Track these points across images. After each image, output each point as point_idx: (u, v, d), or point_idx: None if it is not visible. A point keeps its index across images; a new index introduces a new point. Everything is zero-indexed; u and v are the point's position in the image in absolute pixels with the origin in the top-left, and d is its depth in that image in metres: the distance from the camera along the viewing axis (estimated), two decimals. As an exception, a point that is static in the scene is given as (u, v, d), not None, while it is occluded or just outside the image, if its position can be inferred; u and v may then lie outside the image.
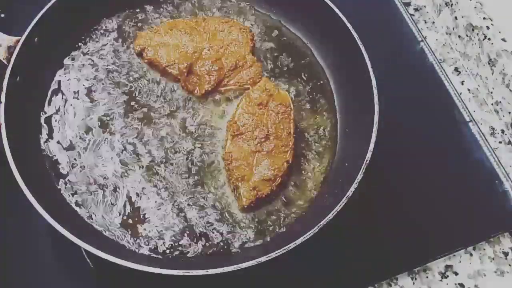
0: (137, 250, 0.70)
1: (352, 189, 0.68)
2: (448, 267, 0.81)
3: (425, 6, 1.06)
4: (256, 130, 0.75)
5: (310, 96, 0.85)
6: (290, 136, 0.77)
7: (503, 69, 0.91)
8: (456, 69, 1.00)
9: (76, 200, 0.72)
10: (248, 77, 0.82)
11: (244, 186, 0.73)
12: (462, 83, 0.99)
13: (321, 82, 0.86)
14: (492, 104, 0.95)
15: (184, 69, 0.80)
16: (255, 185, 0.73)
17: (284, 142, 0.76)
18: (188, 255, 0.70)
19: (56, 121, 0.78)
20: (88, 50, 0.85)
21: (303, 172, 0.78)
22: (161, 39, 0.83)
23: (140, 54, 0.84)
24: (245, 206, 0.73)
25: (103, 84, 0.82)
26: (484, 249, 0.83)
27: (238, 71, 0.82)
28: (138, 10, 0.89)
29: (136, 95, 0.82)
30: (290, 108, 0.79)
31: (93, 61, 0.84)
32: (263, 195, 0.73)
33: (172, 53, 0.82)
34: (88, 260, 0.73)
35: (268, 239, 0.72)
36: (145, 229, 0.71)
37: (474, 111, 0.95)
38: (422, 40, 0.99)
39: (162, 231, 0.71)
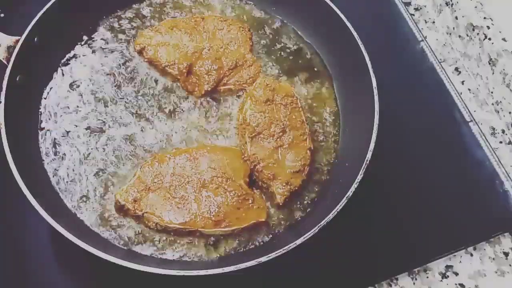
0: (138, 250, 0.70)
1: (352, 189, 0.68)
2: (448, 267, 0.81)
3: (425, 6, 1.06)
4: (271, 126, 0.75)
5: (310, 96, 0.85)
6: (303, 123, 0.77)
7: (504, 69, 0.91)
8: (456, 69, 1.00)
9: (74, 200, 0.73)
10: (248, 76, 0.82)
11: (277, 183, 0.73)
12: (463, 83, 0.99)
13: (321, 81, 0.86)
14: (492, 104, 0.95)
15: (183, 69, 0.80)
16: (288, 179, 0.73)
17: (301, 131, 0.77)
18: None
19: (56, 120, 0.78)
20: (88, 50, 0.84)
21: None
22: (162, 39, 0.83)
23: (140, 53, 0.84)
24: (281, 204, 0.73)
25: (102, 83, 0.82)
26: (485, 249, 0.83)
27: (238, 70, 0.82)
28: (138, 8, 0.89)
29: (136, 95, 0.81)
30: (296, 97, 0.79)
31: (92, 60, 0.84)
32: (296, 188, 0.73)
33: (172, 53, 0.82)
34: (86, 258, 0.72)
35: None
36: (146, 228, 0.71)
37: (475, 111, 0.95)
38: (422, 40, 0.99)
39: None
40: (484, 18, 0.95)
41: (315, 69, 0.87)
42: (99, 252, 0.62)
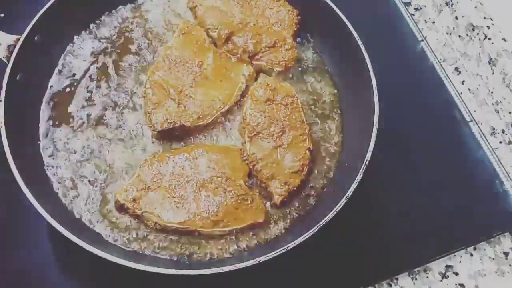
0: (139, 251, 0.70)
1: (352, 189, 0.68)
2: (448, 267, 0.81)
3: (425, 6, 1.06)
4: (271, 126, 0.76)
5: (310, 96, 0.85)
6: (304, 124, 0.78)
7: (504, 69, 0.91)
8: (456, 69, 1.00)
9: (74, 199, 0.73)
10: (282, 59, 0.83)
11: (275, 183, 0.73)
12: (463, 82, 0.99)
13: (321, 81, 0.86)
14: (492, 104, 0.95)
15: (223, 35, 0.82)
16: (286, 179, 0.73)
17: (300, 131, 0.77)
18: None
19: (56, 119, 0.78)
20: (87, 48, 0.85)
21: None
22: (214, 2, 0.85)
23: (191, 10, 0.86)
24: (278, 204, 0.73)
25: (102, 81, 0.82)
26: (485, 249, 0.83)
27: (274, 50, 0.83)
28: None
29: (131, 94, 0.81)
30: (296, 97, 0.79)
31: (93, 59, 0.84)
32: (294, 188, 0.73)
33: (219, 18, 0.84)
34: (86, 257, 0.72)
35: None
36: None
37: (475, 111, 0.95)
38: (422, 40, 0.99)
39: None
40: (484, 18, 0.95)
41: (315, 69, 0.87)
42: (99, 251, 0.62)
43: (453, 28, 1.01)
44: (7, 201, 0.77)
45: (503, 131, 0.93)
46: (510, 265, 0.81)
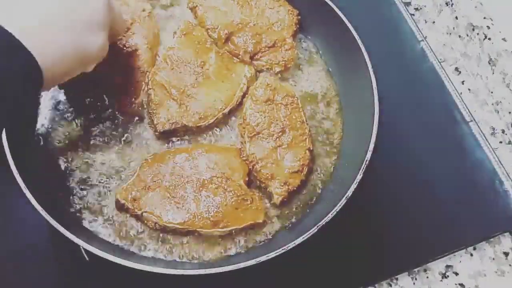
0: (136, 250, 0.70)
1: (352, 189, 0.68)
2: (448, 267, 0.81)
3: (425, 6, 1.06)
4: (271, 126, 0.76)
5: (310, 96, 0.85)
6: (304, 123, 0.78)
7: (504, 69, 0.91)
8: (456, 69, 1.00)
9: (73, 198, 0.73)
10: (281, 59, 0.83)
11: (275, 183, 0.73)
12: (463, 82, 0.99)
13: (320, 81, 0.86)
14: (492, 104, 0.95)
15: (223, 35, 0.82)
16: (286, 179, 0.73)
17: (301, 131, 0.77)
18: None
19: (56, 118, 0.78)
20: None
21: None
22: (214, 2, 0.85)
23: (191, 10, 0.86)
24: (277, 204, 0.73)
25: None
26: (485, 249, 0.83)
27: (274, 50, 0.83)
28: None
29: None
30: (296, 97, 0.80)
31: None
32: (294, 188, 0.73)
33: (219, 18, 0.84)
34: (84, 254, 0.73)
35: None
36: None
37: (475, 111, 0.95)
38: (422, 40, 0.99)
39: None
40: (484, 18, 0.95)
41: (315, 69, 0.87)
42: (98, 251, 0.62)
43: (453, 28, 1.01)
44: (6, 201, 0.77)
45: (503, 131, 0.93)
46: (510, 265, 0.81)
